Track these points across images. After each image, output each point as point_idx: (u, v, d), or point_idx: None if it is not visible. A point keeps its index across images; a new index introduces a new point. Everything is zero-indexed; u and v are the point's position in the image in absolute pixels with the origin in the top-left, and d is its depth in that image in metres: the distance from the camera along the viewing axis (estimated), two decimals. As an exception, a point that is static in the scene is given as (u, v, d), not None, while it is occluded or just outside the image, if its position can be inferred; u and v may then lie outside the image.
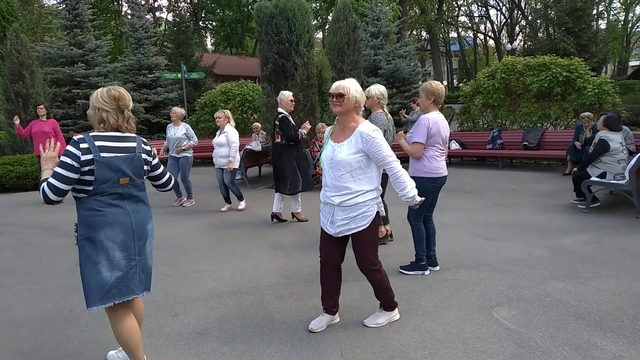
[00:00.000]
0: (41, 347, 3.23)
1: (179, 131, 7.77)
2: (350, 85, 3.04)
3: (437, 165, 4.08)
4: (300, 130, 6.38)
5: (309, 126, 6.51)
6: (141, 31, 16.14)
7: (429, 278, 4.18)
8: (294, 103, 6.36)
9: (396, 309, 3.39)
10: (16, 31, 11.64)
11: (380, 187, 3.16)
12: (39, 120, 8.68)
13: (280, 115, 6.14)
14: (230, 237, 5.84)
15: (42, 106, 8.75)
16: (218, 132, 7.38)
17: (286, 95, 6.23)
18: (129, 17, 18.48)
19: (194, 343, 3.21)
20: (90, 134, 2.53)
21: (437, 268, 4.36)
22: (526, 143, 10.35)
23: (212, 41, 48.85)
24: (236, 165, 7.33)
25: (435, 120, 4.02)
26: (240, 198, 7.58)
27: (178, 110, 7.90)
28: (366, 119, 3.39)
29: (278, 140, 6.25)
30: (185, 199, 8.11)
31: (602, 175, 6.27)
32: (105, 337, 3.35)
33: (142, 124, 15.46)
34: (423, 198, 3.24)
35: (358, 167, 3.01)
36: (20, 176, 10.31)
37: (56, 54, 13.58)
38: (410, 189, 3.08)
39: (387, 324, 3.33)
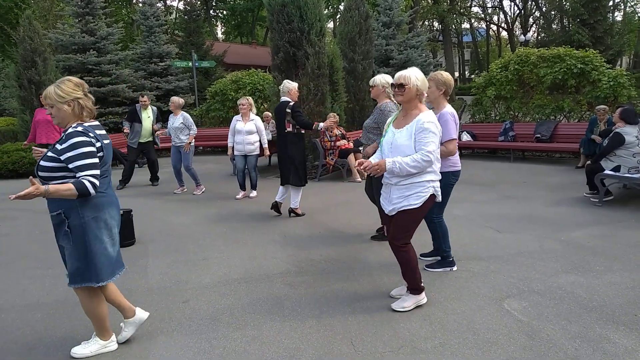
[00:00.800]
0: (54, 329, 3.28)
1: (177, 121, 7.78)
2: (411, 75, 3.13)
3: (457, 158, 4.06)
4: (320, 123, 6.43)
5: (334, 120, 6.44)
6: (152, 19, 16.14)
7: (439, 270, 4.17)
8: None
9: (423, 293, 3.43)
10: (29, 18, 11.69)
11: (439, 174, 3.27)
12: (44, 108, 8.72)
13: (291, 104, 6.07)
14: (240, 226, 5.86)
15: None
16: (238, 118, 7.33)
17: (294, 85, 6.20)
18: (140, 4, 18.47)
19: (205, 329, 3.23)
20: (85, 124, 2.70)
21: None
22: (539, 135, 10.24)
23: (222, 30, 48.78)
24: (259, 151, 7.47)
25: (454, 113, 3.95)
26: (254, 187, 7.68)
27: (176, 100, 7.92)
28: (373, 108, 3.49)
29: (289, 129, 6.15)
30: (184, 187, 8.20)
31: (616, 168, 6.19)
32: (117, 320, 3.38)
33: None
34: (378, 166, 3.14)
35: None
36: (33, 162, 10.40)
37: (68, 41, 13.63)
38: (400, 165, 3.08)
39: (397, 314, 3.33)
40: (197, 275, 4.23)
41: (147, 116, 8.55)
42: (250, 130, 7.28)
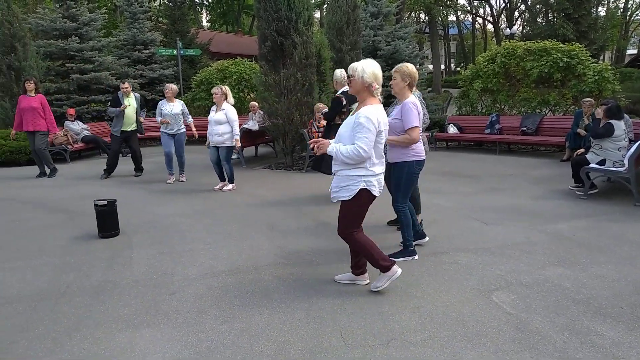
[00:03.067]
0: (36, 323, 3.19)
1: (176, 107, 7.69)
2: (358, 66, 3.22)
3: (422, 147, 4.14)
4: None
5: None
6: (136, 5, 15.79)
7: (427, 261, 4.16)
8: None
9: (394, 267, 3.47)
10: (7, 1, 11.33)
11: (374, 170, 3.28)
12: (27, 95, 8.48)
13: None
14: (226, 217, 5.79)
15: (31, 81, 8.55)
16: (214, 109, 7.20)
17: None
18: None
19: (192, 321, 3.18)
20: None
21: (427, 239, 4.56)
22: (524, 129, 10.31)
23: (207, 18, 48.06)
24: (233, 142, 7.21)
25: (416, 103, 4.05)
26: (230, 180, 7.42)
27: (173, 87, 7.83)
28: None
29: (339, 122, 6.03)
30: (178, 175, 8.08)
31: (602, 162, 6.25)
32: (102, 313, 3.31)
33: (137, 100, 15.23)
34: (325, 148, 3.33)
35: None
36: (13, 151, 10.17)
37: (49, 26, 13.26)
38: (337, 151, 3.23)
39: (386, 304, 3.31)
40: (183, 267, 4.16)
41: (129, 104, 8.35)
42: (219, 120, 6.98)
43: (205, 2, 43.83)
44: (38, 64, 11.90)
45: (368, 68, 3.19)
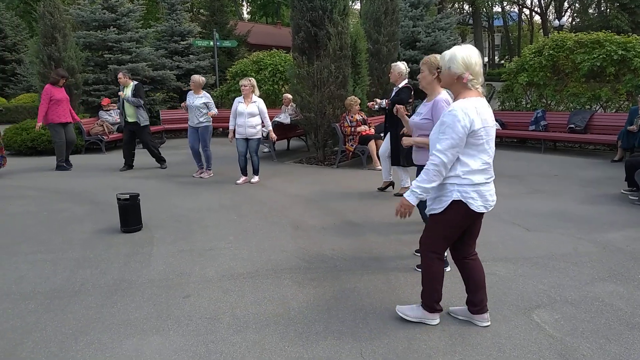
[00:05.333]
0: (45, 324, 3.07)
1: (198, 100, 7.55)
2: (445, 55, 2.72)
3: None
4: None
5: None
6: (175, -4, 15.84)
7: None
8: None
9: (436, 315, 2.98)
10: (49, -7, 11.50)
11: (471, 178, 2.70)
12: (57, 87, 8.62)
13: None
14: (252, 214, 5.60)
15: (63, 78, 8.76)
16: (240, 100, 7.08)
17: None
18: (164, -18, 18.18)
19: (203, 330, 2.98)
20: None
21: (448, 269, 3.77)
22: (572, 126, 9.66)
23: (248, 10, 48.25)
24: (261, 135, 7.26)
25: (449, 100, 3.66)
26: (256, 172, 7.40)
27: (196, 78, 7.67)
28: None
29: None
30: (204, 170, 7.95)
31: (660, 164, 5.69)
32: (112, 315, 3.17)
33: (173, 91, 15.34)
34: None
35: None
36: (51, 140, 10.33)
37: (89, 17, 13.44)
38: (416, 187, 2.76)
39: (412, 322, 3.02)
40: (202, 267, 3.99)
41: (125, 94, 8.18)
42: (252, 113, 7.00)
43: (245, -7, 43.98)
44: (77, 54, 12.05)
45: (457, 55, 2.63)
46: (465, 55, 2.62)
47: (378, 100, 6.58)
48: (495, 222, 5.12)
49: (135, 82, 8.34)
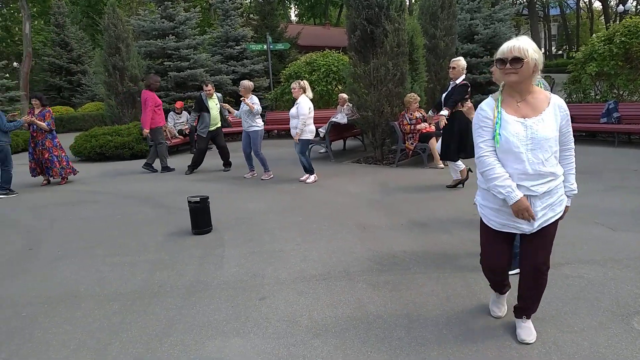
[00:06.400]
0: (130, 325, 3.16)
1: (245, 105, 7.65)
2: (527, 46, 2.37)
3: None
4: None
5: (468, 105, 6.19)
6: (228, 2, 16.19)
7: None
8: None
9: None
10: (113, 6, 12.06)
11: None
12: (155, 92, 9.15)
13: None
14: (316, 215, 5.58)
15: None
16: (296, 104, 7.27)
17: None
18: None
19: (283, 332, 2.97)
20: None
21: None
22: (649, 117, 9.01)
23: (296, 12, 48.71)
24: (308, 136, 7.22)
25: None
26: (307, 171, 7.47)
27: (246, 84, 7.75)
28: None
29: (462, 108, 6.11)
30: (254, 172, 8.11)
31: None
32: (192, 317, 3.22)
33: (229, 95, 15.66)
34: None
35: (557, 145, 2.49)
36: (118, 146, 10.81)
37: (149, 27, 13.99)
38: (571, 191, 2.66)
39: (501, 328, 2.87)
40: (274, 269, 3.99)
41: (215, 104, 8.57)
42: (292, 114, 7.14)
43: (293, -4, 44.41)
44: (139, 63, 12.56)
45: (534, 46, 2.41)
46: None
47: (428, 117, 7.08)
48: (575, 220, 4.81)
49: (218, 94, 8.74)
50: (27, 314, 3.41)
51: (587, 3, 48.63)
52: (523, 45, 2.37)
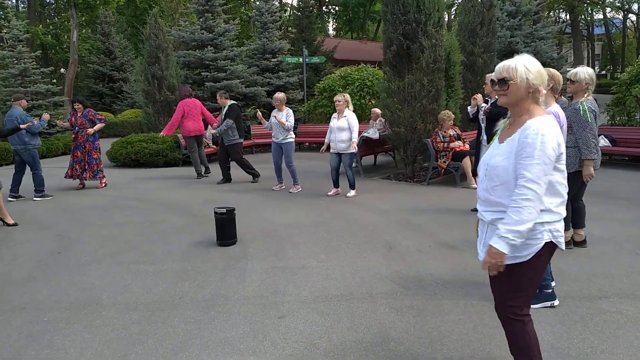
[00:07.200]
0: (147, 336, 3.14)
1: (280, 116, 7.65)
2: (517, 65, 2.12)
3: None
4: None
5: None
6: (267, 15, 16.41)
7: (580, 308, 3.40)
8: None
9: None
10: (155, 16, 12.41)
11: (560, 211, 2.19)
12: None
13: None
14: (342, 231, 5.48)
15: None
16: (335, 116, 7.27)
17: None
18: (257, 2, 18.94)
19: (299, 354, 2.88)
20: None
21: (557, 302, 3.43)
22: (700, 143, 8.53)
23: (334, 26, 49.11)
24: (354, 149, 7.20)
25: (557, 113, 3.56)
26: (352, 186, 7.40)
27: (280, 96, 7.85)
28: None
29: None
30: (283, 184, 8.13)
31: None
32: (210, 332, 3.17)
33: (264, 107, 15.80)
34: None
35: (515, 178, 2.10)
36: (153, 153, 11.02)
37: (189, 37, 14.30)
38: (513, 229, 2.06)
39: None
40: (295, 286, 3.91)
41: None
42: (341, 127, 7.06)
43: (332, 10, 44.82)
44: (177, 72, 12.84)
45: (532, 65, 2.14)
46: (539, 66, 2.20)
47: (480, 99, 6.19)
48: (616, 251, 4.55)
49: (231, 103, 8.69)
50: (48, 318, 3.44)
51: (635, 22, 47.06)
52: (513, 65, 2.13)
